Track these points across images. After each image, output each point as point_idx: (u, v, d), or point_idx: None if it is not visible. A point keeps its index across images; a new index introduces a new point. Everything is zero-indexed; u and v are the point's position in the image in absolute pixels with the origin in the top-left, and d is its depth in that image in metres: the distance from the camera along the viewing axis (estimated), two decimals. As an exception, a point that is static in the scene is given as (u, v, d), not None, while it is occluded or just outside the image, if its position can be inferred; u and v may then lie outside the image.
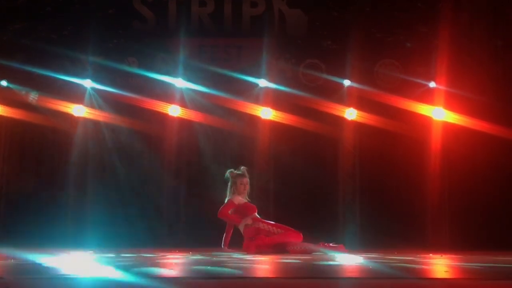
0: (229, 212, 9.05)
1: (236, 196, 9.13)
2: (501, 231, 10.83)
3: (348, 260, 6.94)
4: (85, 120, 12.05)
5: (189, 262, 6.56)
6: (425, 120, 11.67)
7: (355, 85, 11.85)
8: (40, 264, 5.91)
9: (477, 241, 10.56)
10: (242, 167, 9.30)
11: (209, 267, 5.64)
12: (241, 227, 9.01)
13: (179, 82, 11.91)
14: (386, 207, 11.63)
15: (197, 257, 7.51)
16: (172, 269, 5.49)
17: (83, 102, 11.97)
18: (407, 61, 11.77)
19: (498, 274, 4.98)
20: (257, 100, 11.95)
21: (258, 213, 9.13)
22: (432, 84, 11.65)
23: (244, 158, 11.87)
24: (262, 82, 11.93)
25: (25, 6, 11.84)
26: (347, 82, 11.90)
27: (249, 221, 8.94)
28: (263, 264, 6.07)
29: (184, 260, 6.87)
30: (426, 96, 11.67)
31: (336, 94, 11.93)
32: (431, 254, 8.58)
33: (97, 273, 4.83)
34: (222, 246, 9.05)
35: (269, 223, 8.99)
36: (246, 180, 9.22)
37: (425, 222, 11.64)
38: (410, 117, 11.58)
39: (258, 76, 11.93)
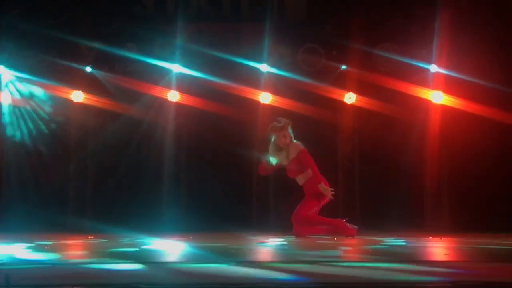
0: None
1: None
2: (500, 214, 10.85)
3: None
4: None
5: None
6: (425, 104, 11.65)
7: (353, 69, 11.82)
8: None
9: (476, 224, 10.59)
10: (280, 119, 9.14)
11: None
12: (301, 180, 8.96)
13: (178, 68, 11.89)
14: (385, 191, 11.65)
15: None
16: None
17: (81, 88, 11.96)
18: (406, 44, 11.73)
19: (497, 257, 5.00)
20: (256, 85, 11.94)
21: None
22: (431, 68, 11.62)
23: (243, 143, 11.90)
24: (262, 67, 11.91)
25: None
26: (345, 66, 11.88)
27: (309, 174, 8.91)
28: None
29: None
30: (426, 80, 11.65)
31: (335, 79, 11.91)
32: (430, 237, 8.63)
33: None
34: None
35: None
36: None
37: (424, 205, 11.67)
38: (409, 101, 11.57)
39: (257, 61, 11.89)
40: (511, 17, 11.51)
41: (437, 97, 11.55)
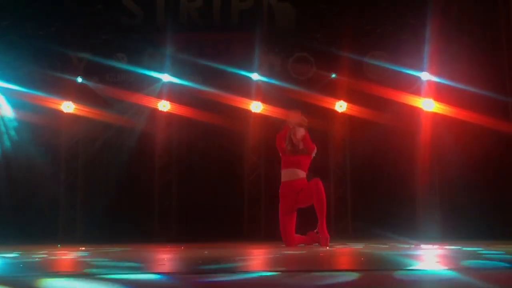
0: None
1: None
2: (492, 221, 10.84)
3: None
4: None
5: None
6: (415, 112, 11.68)
7: (344, 78, 11.84)
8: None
9: (467, 231, 10.58)
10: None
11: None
12: None
13: (168, 77, 11.89)
14: (377, 199, 11.66)
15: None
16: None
17: (71, 98, 11.94)
18: (396, 52, 11.76)
19: (488, 264, 4.99)
20: (247, 94, 11.94)
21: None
22: (422, 76, 11.65)
23: (234, 152, 11.91)
24: (252, 76, 11.91)
25: (12, 2, 11.78)
26: (336, 75, 11.90)
27: None
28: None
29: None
30: (416, 88, 11.68)
31: (326, 87, 11.92)
32: (422, 245, 8.60)
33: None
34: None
35: None
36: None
37: (415, 212, 11.67)
38: (400, 109, 11.59)
39: (248, 70, 11.91)
40: (500, 25, 11.56)
41: (428, 105, 11.58)
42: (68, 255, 6.71)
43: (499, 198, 11.11)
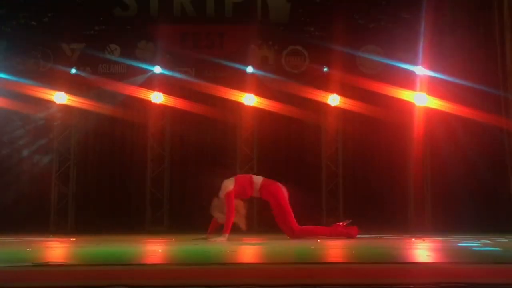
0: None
1: None
2: (483, 215, 10.89)
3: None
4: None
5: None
6: (408, 106, 11.70)
7: (337, 71, 11.84)
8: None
9: (459, 225, 10.62)
10: None
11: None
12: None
13: (161, 69, 11.87)
14: (368, 192, 11.68)
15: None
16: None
17: (64, 89, 11.89)
18: (389, 47, 11.78)
19: (480, 258, 5.01)
20: (240, 87, 11.92)
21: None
22: (415, 70, 11.67)
23: (227, 144, 11.91)
24: (245, 69, 11.90)
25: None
26: (329, 69, 11.91)
27: None
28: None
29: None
30: (409, 82, 11.69)
31: (319, 80, 11.92)
32: (413, 239, 8.63)
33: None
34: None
35: None
36: None
37: (407, 206, 11.71)
38: (393, 103, 11.60)
39: (241, 63, 11.89)
40: (493, 19, 11.58)
41: (421, 99, 11.60)
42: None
43: (490, 192, 11.16)
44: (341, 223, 8.58)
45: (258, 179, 8.47)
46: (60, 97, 11.91)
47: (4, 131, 11.95)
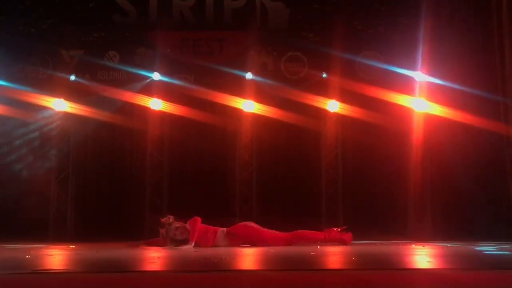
0: None
1: None
2: (483, 221, 10.85)
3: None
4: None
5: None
6: (407, 112, 11.68)
7: (337, 77, 11.84)
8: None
9: (458, 231, 10.59)
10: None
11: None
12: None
13: (160, 76, 11.87)
14: (368, 199, 11.66)
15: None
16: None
17: (63, 96, 11.88)
18: (388, 52, 11.77)
19: (480, 264, 5.01)
20: (239, 93, 11.92)
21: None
22: (414, 76, 11.65)
23: (226, 150, 11.90)
24: (245, 75, 11.90)
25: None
26: (328, 75, 11.90)
27: None
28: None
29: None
30: (408, 88, 11.68)
31: (318, 87, 11.91)
32: (413, 245, 8.62)
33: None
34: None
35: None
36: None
37: (407, 213, 11.67)
38: (392, 109, 11.58)
39: (240, 69, 11.89)
40: (492, 25, 11.58)
41: (420, 105, 11.59)
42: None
43: (490, 197, 11.12)
44: (335, 229, 8.61)
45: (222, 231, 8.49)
46: (59, 104, 11.90)
47: (3, 138, 11.91)
